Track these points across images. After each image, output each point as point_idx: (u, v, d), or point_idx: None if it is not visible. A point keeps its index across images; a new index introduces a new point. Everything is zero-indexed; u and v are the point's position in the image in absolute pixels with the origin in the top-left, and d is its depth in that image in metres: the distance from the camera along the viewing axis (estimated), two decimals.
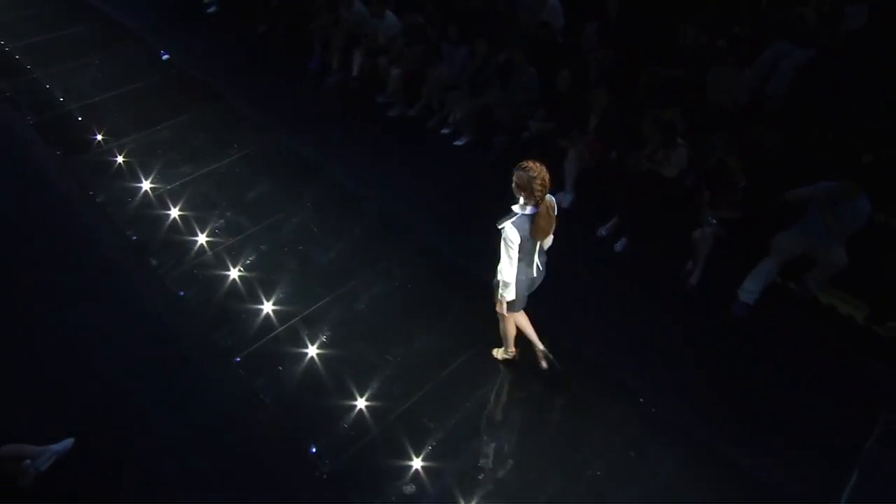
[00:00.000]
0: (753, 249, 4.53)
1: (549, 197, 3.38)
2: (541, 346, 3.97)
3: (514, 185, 3.34)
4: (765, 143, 4.77)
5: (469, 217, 5.39)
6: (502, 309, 3.66)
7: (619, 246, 5.09)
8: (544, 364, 4.00)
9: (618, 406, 3.95)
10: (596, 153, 5.34)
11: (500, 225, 3.38)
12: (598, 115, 5.37)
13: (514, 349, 4.10)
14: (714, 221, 4.51)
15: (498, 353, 4.17)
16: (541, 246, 3.59)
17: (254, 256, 4.99)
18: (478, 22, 6.47)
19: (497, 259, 3.51)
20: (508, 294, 3.54)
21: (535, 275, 3.62)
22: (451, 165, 6.14)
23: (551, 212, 3.42)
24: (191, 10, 9.03)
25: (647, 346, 4.33)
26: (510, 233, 3.33)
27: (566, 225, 5.28)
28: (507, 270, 3.45)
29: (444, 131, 6.41)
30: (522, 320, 3.94)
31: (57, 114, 6.80)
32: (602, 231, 5.19)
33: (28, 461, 3.36)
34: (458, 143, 6.27)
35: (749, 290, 4.42)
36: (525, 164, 3.30)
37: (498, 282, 3.55)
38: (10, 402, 3.85)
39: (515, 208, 3.39)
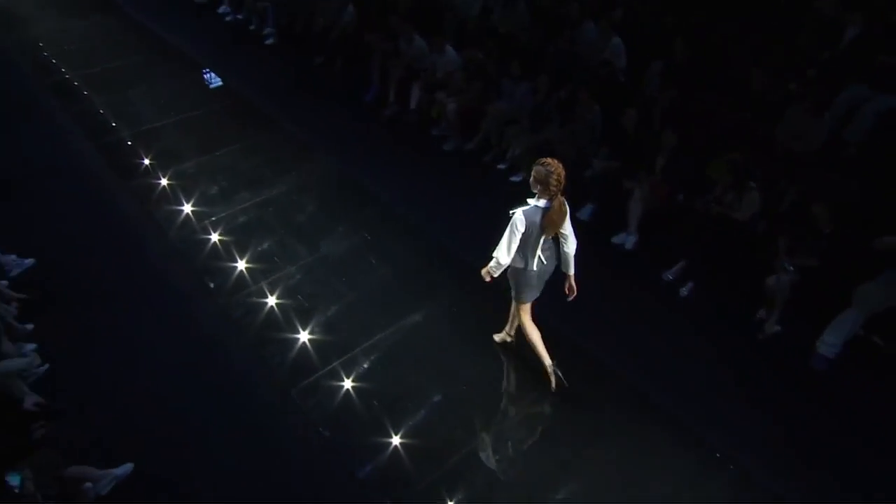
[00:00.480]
0: (833, 299, 4.38)
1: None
2: (548, 361, 4.05)
3: (532, 178, 3.62)
4: (843, 190, 4.66)
5: None
6: (486, 276, 3.86)
7: (685, 291, 4.98)
8: (553, 380, 4.04)
9: (692, 458, 3.80)
10: (662, 194, 5.29)
11: (512, 211, 3.65)
12: (665, 155, 5.34)
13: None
14: (791, 269, 4.38)
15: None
16: (545, 241, 3.77)
17: (312, 285, 5.04)
18: (539, 59, 6.56)
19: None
20: (496, 270, 3.81)
21: (534, 268, 3.80)
22: (507, 201, 6.10)
23: (563, 207, 3.65)
24: (250, 40, 9.40)
25: (719, 396, 4.19)
26: (518, 218, 3.60)
27: (630, 267, 5.30)
28: (503, 251, 3.71)
29: (501, 167, 6.45)
30: (535, 335, 4.04)
31: (120, 137, 7.07)
32: (668, 275, 5.10)
33: (89, 484, 3.39)
34: (514, 178, 6.29)
35: (829, 342, 4.26)
36: (544, 160, 3.59)
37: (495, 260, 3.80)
38: (74, 419, 3.90)
39: (530, 201, 3.65)
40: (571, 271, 3.94)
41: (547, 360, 4.05)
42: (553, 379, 4.04)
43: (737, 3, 6.82)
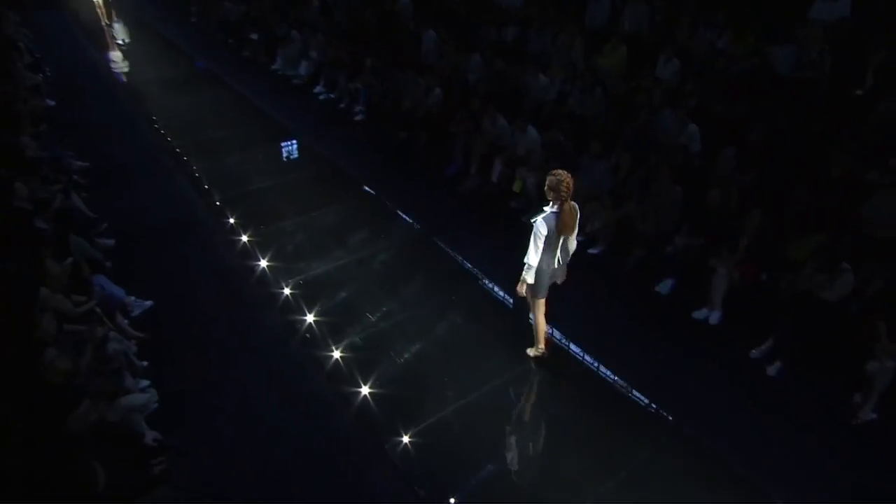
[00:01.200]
0: None
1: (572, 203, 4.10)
2: (542, 347, 4.67)
3: (546, 187, 4.08)
4: None
5: (611, 328, 5.25)
6: (522, 289, 4.33)
7: (773, 370, 4.70)
8: (536, 354, 4.71)
9: None
10: (747, 272, 5.11)
11: (532, 220, 4.13)
12: (750, 235, 5.20)
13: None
14: None
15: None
16: (564, 244, 4.29)
17: (403, 341, 5.01)
18: (616, 140, 6.62)
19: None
20: (529, 277, 4.23)
21: (556, 266, 4.30)
22: (585, 271, 6.03)
23: (573, 211, 4.10)
24: (341, 116, 9.87)
25: (820, 483, 3.86)
26: (540, 225, 4.06)
27: (714, 342, 5.06)
28: (532, 256, 4.15)
29: (579, 238, 6.38)
30: (542, 325, 4.57)
31: (227, 196, 7.41)
32: (755, 353, 4.84)
33: None
34: (592, 251, 6.22)
35: None
36: (555, 171, 4.06)
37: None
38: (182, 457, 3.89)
39: (546, 209, 4.09)
40: (565, 262, 4.50)
41: (542, 346, 4.67)
42: (535, 354, 4.71)
43: (808, 96, 6.80)
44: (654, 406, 4.43)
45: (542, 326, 4.58)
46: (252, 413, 4.38)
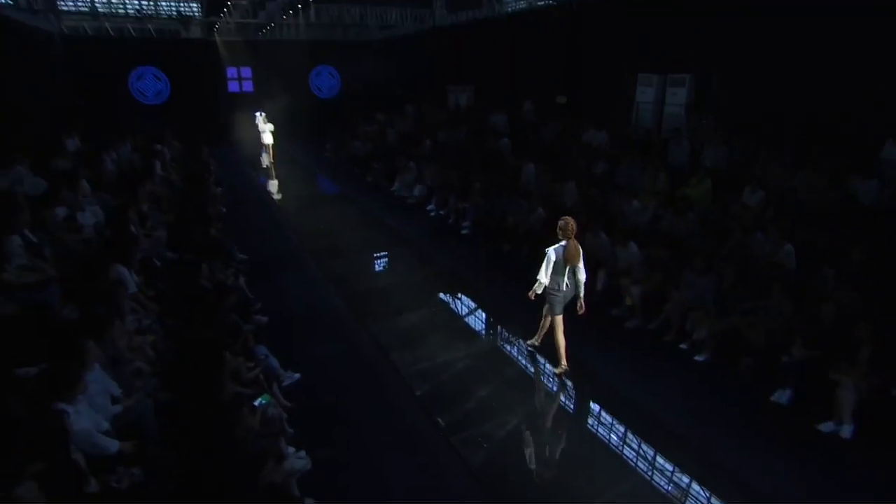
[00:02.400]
0: None
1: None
2: (565, 363, 5.29)
3: (558, 228, 5.13)
4: None
5: (730, 439, 4.66)
6: (531, 295, 5.21)
7: None
8: (561, 370, 5.31)
9: None
10: (873, 385, 4.48)
11: (546, 250, 5.07)
12: (869, 348, 4.62)
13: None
14: None
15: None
16: (573, 274, 5.18)
17: (528, 431, 4.65)
18: (714, 257, 6.34)
19: None
20: (538, 288, 5.17)
21: (564, 289, 5.17)
22: (690, 378, 5.52)
23: (577, 246, 5.11)
24: (450, 230, 10.18)
25: None
26: (551, 253, 5.07)
27: (852, 461, 4.32)
28: (542, 275, 5.12)
29: (683, 346, 5.94)
30: (562, 340, 5.30)
31: (356, 290, 7.61)
32: None
33: None
34: (699, 359, 5.72)
35: None
36: (564, 217, 5.13)
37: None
38: None
39: (557, 244, 5.10)
40: (581, 293, 5.29)
41: (563, 361, 5.26)
42: (561, 370, 5.28)
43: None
44: None
45: (562, 342, 5.24)
46: (385, 487, 4.06)
